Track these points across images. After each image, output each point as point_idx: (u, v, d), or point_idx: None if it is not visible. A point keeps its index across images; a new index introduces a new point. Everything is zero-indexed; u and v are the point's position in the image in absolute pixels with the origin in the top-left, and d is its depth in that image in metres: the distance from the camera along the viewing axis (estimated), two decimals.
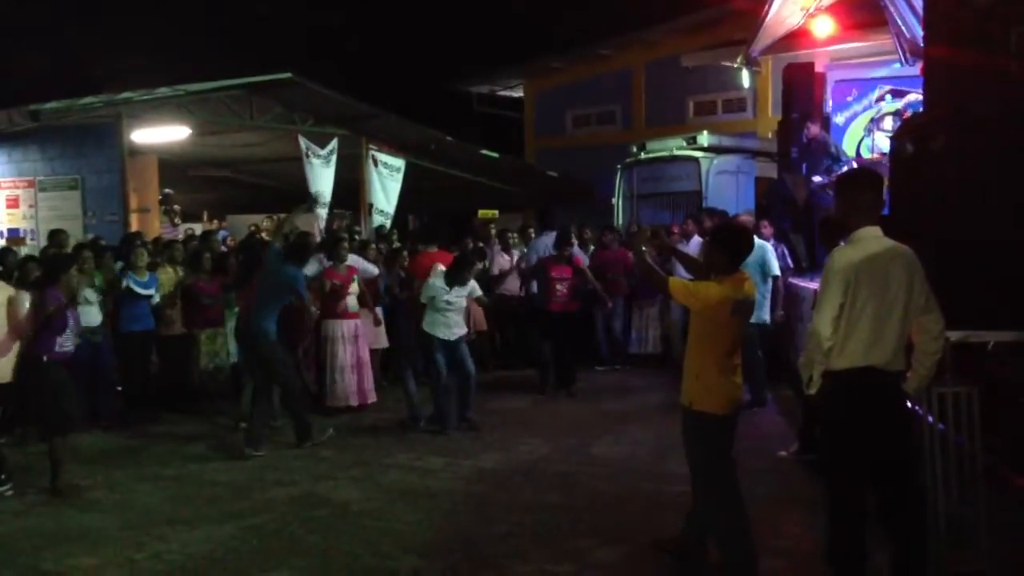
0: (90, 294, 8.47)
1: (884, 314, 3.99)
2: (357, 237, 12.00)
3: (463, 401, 8.44)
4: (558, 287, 9.86)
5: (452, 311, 8.27)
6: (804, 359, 4.20)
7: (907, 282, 4.01)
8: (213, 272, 9.59)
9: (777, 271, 8.81)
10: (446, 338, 8.27)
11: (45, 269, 7.26)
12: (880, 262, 4.01)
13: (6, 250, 9.84)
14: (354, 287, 9.31)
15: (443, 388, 8.33)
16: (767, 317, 8.69)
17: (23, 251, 10.87)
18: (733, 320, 4.71)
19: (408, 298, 9.21)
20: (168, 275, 9.29)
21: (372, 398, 9.36)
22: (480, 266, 11.86)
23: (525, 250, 11.73)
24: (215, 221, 17.22)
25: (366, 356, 9.38)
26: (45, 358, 6.62)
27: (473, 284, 8.49)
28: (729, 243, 4.84)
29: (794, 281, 9.44)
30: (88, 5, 25.71)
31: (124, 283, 8.81)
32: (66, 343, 6.75)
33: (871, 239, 4.07)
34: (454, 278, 8.23)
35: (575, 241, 10.52)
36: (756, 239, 8.82)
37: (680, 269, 10.83)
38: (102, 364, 8.75)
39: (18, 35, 24.62)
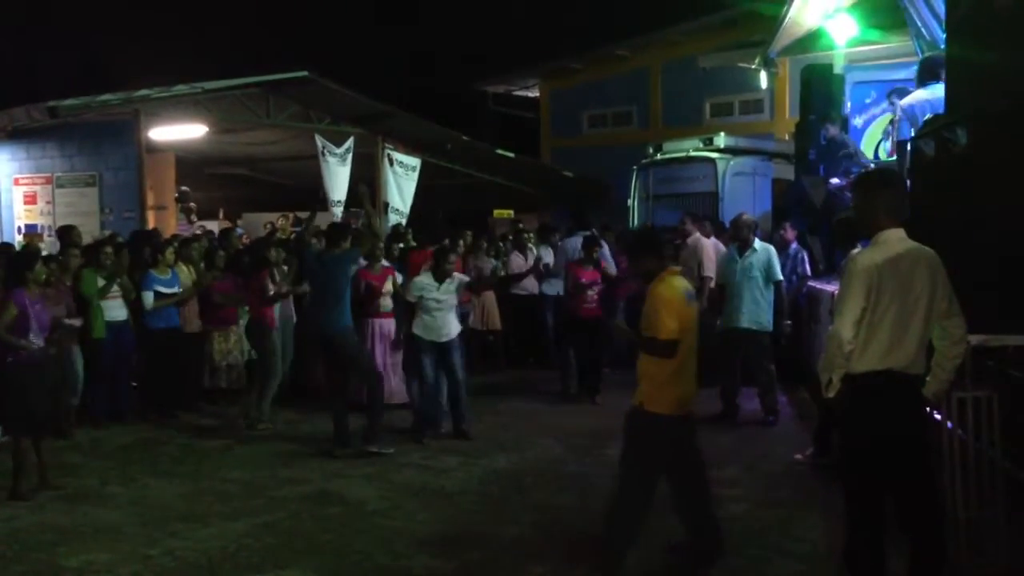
0: (115, 289, 8.58)
1: (906, 317, 3.94)
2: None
3: (455, 412, 8.11)
4: (589, 292, 9.57)
5: (440, 311, 7.99)
6: (824, 362, 4.15)
7: (930, 285, 3.96)
8: (226, 271, 9.63)
9: (780, 276, 8.69)
10: (435, 340, 8.00)
11: (9, 269, 6.99)
12: (903, 264, 3.96)
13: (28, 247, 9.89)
14: (388, 287, 9.26)
15: (427, 394, 8.10)
16: (769, 323, 8.57)
17: (41, 247, 10.91)
18: (687, 312, 4.77)
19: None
20: (184, 273, 9.31)
21: (403, 398, 9.29)
22: (495, 264, 11.86)
23: (550, 251, 11.67)
24: (228, 220, 17.26)
25: (399, 357, 9.22)
26: (10, 359, 6.46)
27: (460, 278, 8.21)
28: (650, 245, 5.00)
29: (811, 283, 9.38)
30: (106, 4, 25.84)
31: (143, 286, 8.83)
32: (32, 344, 6.51)
33: (895, 241, 4.01)
34: (437, 271, 7.98)
35: (603, 244, 10.39)
36: (759, 242, 8.76)
37: (707, 258, 10.72)
38: (124, 360, 8.79)
39: (37, 33, 24.77)
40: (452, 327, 8.08)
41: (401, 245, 11.41)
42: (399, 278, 9.57)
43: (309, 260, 8.22)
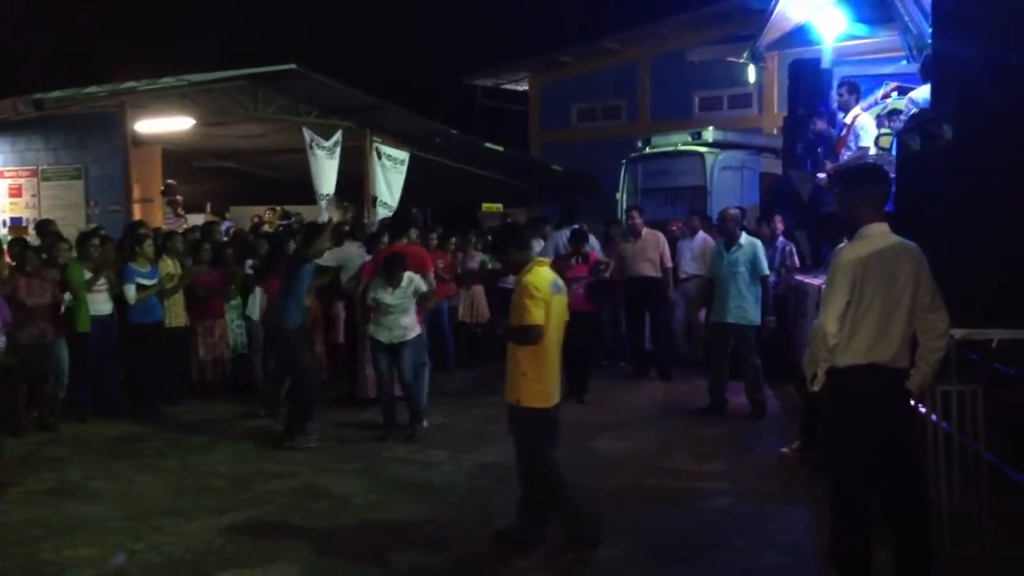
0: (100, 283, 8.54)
1: (889, 311, 3.96)
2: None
3: (410, 413, 7.97)
4: (573, 287, 9.34)
5: (393, 313, 7.81)
6: (809, 356, 4.17)
7: (913, 279, 3.98)
8: (212, 264, 9.58)
9: (767, 271, 8.71)
10: (387, 341, 7.89)
11: None
12: (887, 258, 3.98)
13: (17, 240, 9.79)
14: None
15: (385, 394, 8.04)
16: (756, 318, 8.57)
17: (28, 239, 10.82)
18: (556, 302, 4.97)
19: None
20: (168, 266, 9.25)
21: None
22: (483, 258, 11.83)
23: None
24: (215, 214, 17.16)
25: None
26: None
27: (417, 283, 7.91)
28: (514, 239, 5.24)
29: (798, 277, 9.40)
30: None
31: (124, 280, 8.77)
32: None
33: (878, 235, 4.04)
34: (386, 278, 7.82)
35: (590, 237, 10.33)
36: (746, 236, 8.77)
37: (686, 258, 10.85)
38: (110, 354, 8.75)
39: (23, 24, 24.59)
40: (405, 330, 7.88)
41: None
42: None
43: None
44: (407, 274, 7.85)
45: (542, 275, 5.04)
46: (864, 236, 4.06)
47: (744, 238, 8.67)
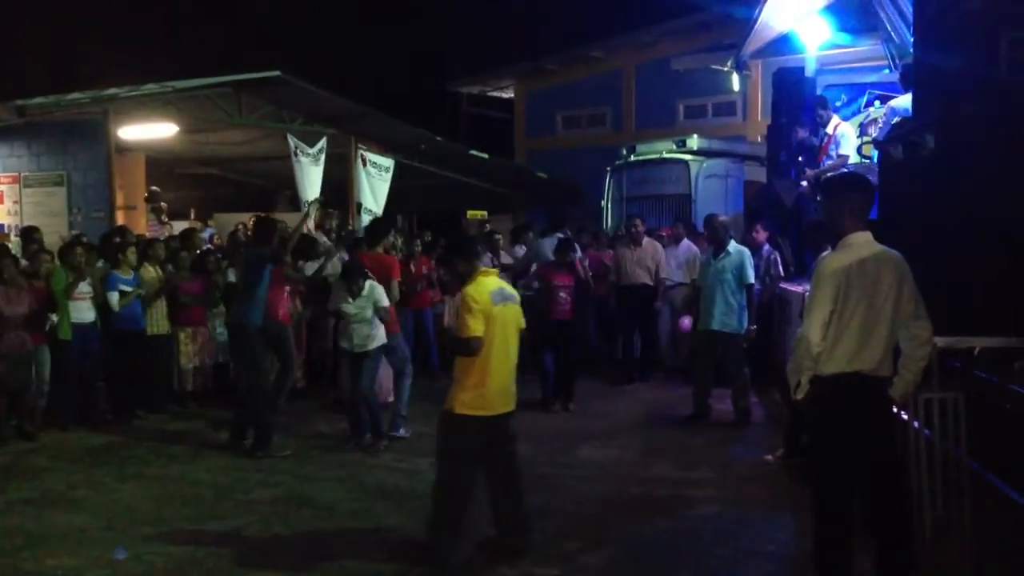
0: (84, 289, 8.49)
1: (872, 319, 3.98)
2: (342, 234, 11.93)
3: (371, 427, 7.87)
4: (561, 295, 9.36)
5: (354, 322, 7.75)
6: (793, 365, 4.18)
7: (896, 287, 4.00)
8: (193, 271, 9.54)
9: (753, 279, 8.70)
10: (349, 349, 7.86)
11: None
12: (870, 267, 4.00)
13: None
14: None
15: (349, 401, 7.97)
16: (741, 326, 8.56)
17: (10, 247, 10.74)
18: (499, 312, 5.02)
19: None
20: (150, 274, 9.19)
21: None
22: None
23: (525, 249, 11.62)
24: (199, 221, 17.07)
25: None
26: None
27: (377, 294, 7.78)
28: (461, 251, 5.30)
29: (782, 285, 9.44)
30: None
31: (108, 287, 8.70)
32: None
33: (862, 244, 4.05)
34: (345, 287, 7.76)
35: (577, 247, 10.32)
36: (734, 244, 8.80)
37: (671, 266, 10.90)
38: (92, 362, 8.68)
39: (4, 29, 24.45)
40: (368, 339, 7.77)
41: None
42: None
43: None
44: (369, 283, 7.77)
45: (482, 285, 5.07)
46: (848, 245, 4.08)
47: (732, 246, 8.69)
